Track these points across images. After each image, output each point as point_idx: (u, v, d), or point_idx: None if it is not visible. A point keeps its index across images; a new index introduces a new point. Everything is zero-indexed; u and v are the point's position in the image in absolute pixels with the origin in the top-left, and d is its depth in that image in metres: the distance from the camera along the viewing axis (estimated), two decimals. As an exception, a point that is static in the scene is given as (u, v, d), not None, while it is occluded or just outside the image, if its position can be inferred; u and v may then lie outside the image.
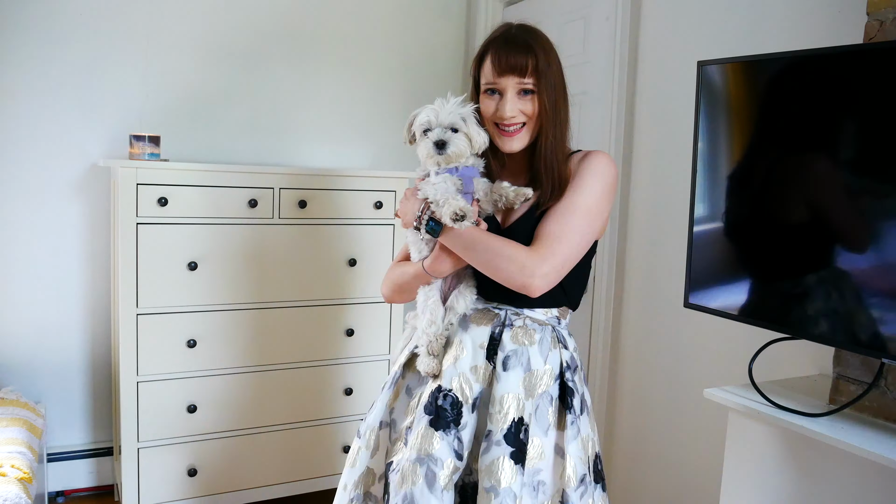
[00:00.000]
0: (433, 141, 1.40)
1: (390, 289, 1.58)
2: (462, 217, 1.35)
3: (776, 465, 1.55)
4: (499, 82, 1.42)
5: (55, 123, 2.58)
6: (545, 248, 1.36)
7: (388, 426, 1.53)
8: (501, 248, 1.37)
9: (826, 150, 1.46)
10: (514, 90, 1.42)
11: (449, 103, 1.41)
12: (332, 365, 2.66)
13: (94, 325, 2.70)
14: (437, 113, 1.41)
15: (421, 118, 1.42)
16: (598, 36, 2.57)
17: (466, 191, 1.42)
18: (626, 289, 2.47)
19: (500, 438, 1.36)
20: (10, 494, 1.79)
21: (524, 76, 1.40)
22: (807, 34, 1.86)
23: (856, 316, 1.40)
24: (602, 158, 1.46)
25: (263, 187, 2.46)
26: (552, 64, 1.43)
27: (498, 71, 1.41)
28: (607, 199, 1.45)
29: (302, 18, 2.92)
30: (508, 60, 1.40)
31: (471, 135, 1.41)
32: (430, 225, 1.41)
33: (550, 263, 1.35)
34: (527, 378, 1.41)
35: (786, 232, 1.53)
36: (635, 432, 2.45)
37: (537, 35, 1.45)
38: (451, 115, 1.40)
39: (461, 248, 1.40)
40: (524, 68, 1.40)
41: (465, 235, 1.38)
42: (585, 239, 1.41)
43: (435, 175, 1.42)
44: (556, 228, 1.38)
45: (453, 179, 1.41)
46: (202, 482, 2.48)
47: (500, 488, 1.34)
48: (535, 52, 1.40)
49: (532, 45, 1.41)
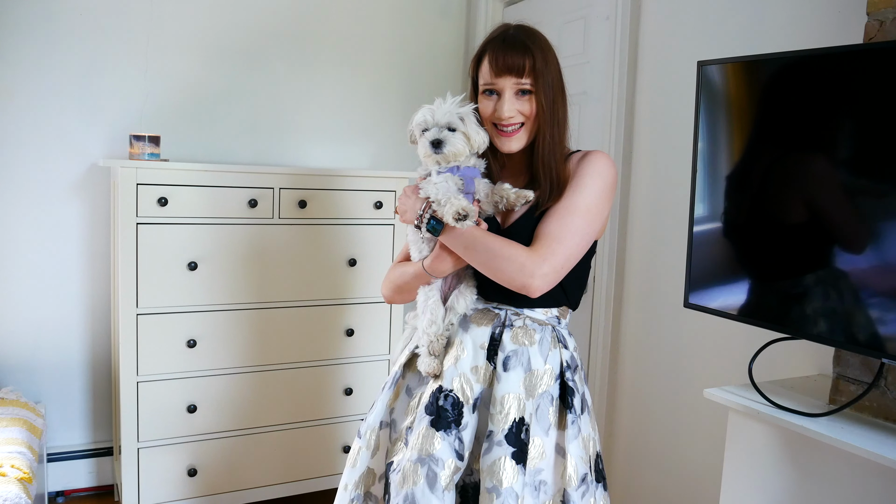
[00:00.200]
0: (429, 140, 1.40)
1: (390, 289, 1.58)
2: (465, 216, 1.35)
3: (776, 465, 1.55)
4: (496, 83, 1.42)
5: (55, 123, 2.58)
6: (545, 248, 1.36)
7: (388, 426, 1.53)
8: (501, 248, 1.37)
9: (825, 150, 1.46)
10: (512, 90, 1.42)
11: (447, 102, 1.41)
12: (332, 365, 2.66)
13: (94, 325, 2.70)
14: (434, 112, 1.41)
15: (418, 117, 1.43)
16: (598, 36, 2.57)
17: (467, 191, 1.42)
18: (626, 289, 2.47)
19: (502, 439, 1.37)
20: (10, 494, 1.79)
21: (521, 76, 1.41)
22: (807, 34, 1.86)
23: (855, 316, 1.40)
24: (601, 158, 1.46)
25: (263, 187, 2.46)
26: (550, 64, 1.43)
27: (495, 71, 1.42)
28: (607, 198, 1.45)
29: (302, 18, 2.93)
30: (506, 61, 1.40)
31: (469, 134, 1.41)
32: (432, 224, 1.41)
33: (550, 264, 1.35)
34: (527, 378, 1.41)
35: (785, 232, 1.53)
36: (635, 432, 2.45)
37: (535, 35, 1.45)
38: (448, 115, 1.40)
39: (461, 247, 1.40)
40: (521, 68, 1.40)
41: (465, 235, 1.38)
42: (585, 239, 1.41)
43: (437, 174, 1.42)
44: (556, 229, 1.38)
45: (455, 179, 1.41)
46: (202, 482, 2.48)
47: (501, 488, 1.34)
48: (532, 53, 1.40)
49: (529, 45, 1.41)
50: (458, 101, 1.42)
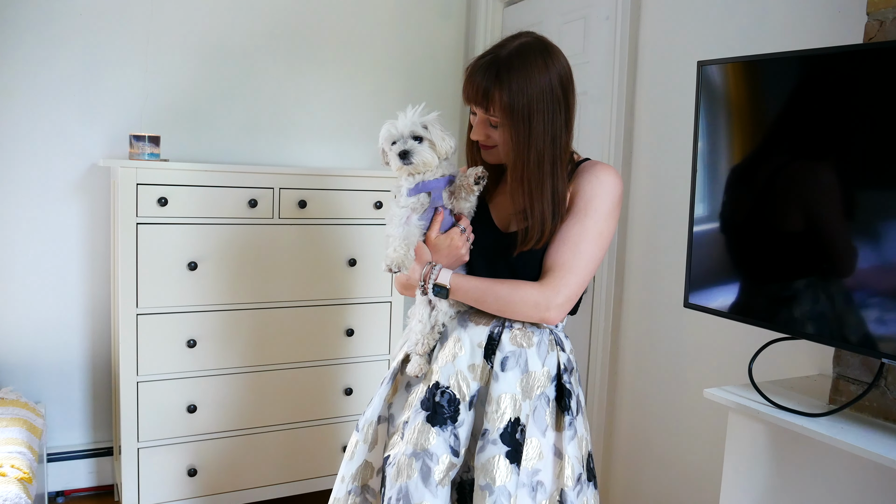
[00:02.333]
0: (397, 152, 1.42)
1: (399, 284, 1.60)
2: (397, 270, 1.39)
3: (776, 465, 1.55)
4: (470, 107, 1.44)
5: (55, 123, 2.58)
6: (557, 280, 1.38)
7: (386, 421, 1.55)
8: (511, 293, 1.39)
9: (825, 150, 1.46)
10: (482, 116, 1.43)
11: (409, 113, 1.43)
12: (332, 365, 2.66)
13: (94, 325, 2.70)
14: (396, 124, 1.43)
15: (382, 132, 1.45)
16: (598, 36, 2.57)
17: (436, 204, 1.45)
18: (626, 289, 2.47)
19: (497, 437, 1.37)
20: (10, 494, 1.79)
21: (486, 111, 1.40)
22: (807, 34, 1.86)
23: (855, 316, 1.40)
24: (609, 176, 1.44)
25: (263, 187, 2.46)
26: (530, 89, 1.35)
27: (465, 99, 1.43)
28: (615, 218, 1.45)
29: (302, 18, 2.92)
30: (468, 93, 1.41)
31: (434, 141, 1.42)
32: (437, 290, 1.44)
33: (564, 294, 1.38)
34: (524, 379, 1.42)
35: (786, 232, 1.53)
36: (635, 432, 2.45)
37: (512, 63, 1.35)
38: (412, 124, 1.42)
39: (472, 301, 1.44)
40: (485, 104, 1.38)
41: (472, 291, 1.42)
42: (595, 263, 1.43)
43: (406, 192, 1.45)
44: (568, 259, 1.39)
45: (422, 198, 1.44)
46: (202, 482, 2.48)
47: (494, 486, 1.34)
48: (501, 86, 1.35)
49: (501, 79, 1.35)
50: (419, 110, 1.43)
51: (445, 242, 1.45)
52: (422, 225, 1.46)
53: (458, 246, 1.45)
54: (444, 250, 1.45)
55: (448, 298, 1.45)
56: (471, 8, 3.23)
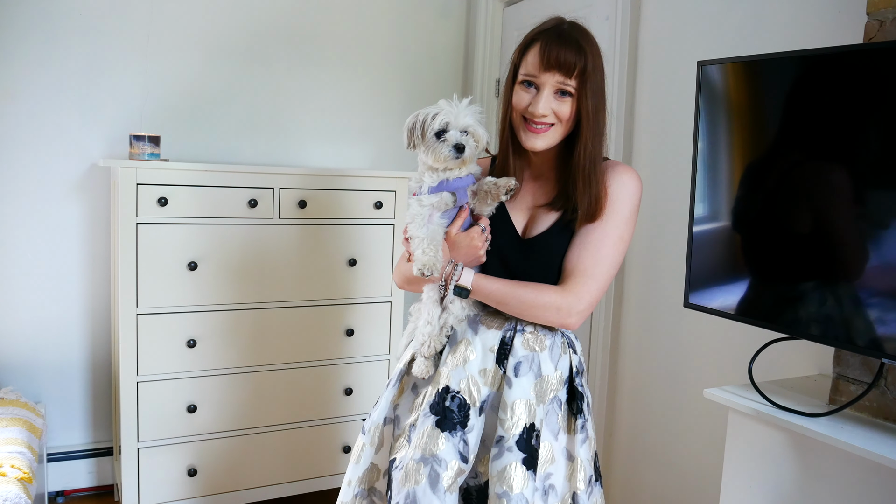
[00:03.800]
0: (453, 144, 1.36)
1: (401, 279, 1.57)
2: (429, 273, 1.34)
3: (776, 465, 1.55)
4: (539, 76, 1.36)
5: (55, 123, 2.58)
6: (580, 285, 1.37)
7: (392, 423, 1.53)
8: (534, 297, 1.37)
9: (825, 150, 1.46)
10: (552, 88, 1.36)
11: (462, 104, 1.38)
12: (332, 365, 2.66)
13: (94, 325, 2.70)
14: (456, 115, 1.37)
15: (440, 119, 1.37)
16: (598, 36, 2.52)
17: (461, 202, 1.42)
18: (626, 289, 2.47)
19: (513, 444, 1.36)
20: (10, 494, 1.79)
21: (569, 77, 1.35)
22: (807, 34, 1.86)
23: (855, 316, 1.40)
24: (632, 179, 1.43)
25: (263, 187, 2.46)
26: (598, 70, 1.37)
27: (543, 65, 1.35)
28: (634, 220, 1.44)
29: (302, 18, 2.92)
30: (557, 56, 1.34)
31: (478, 136, 1.39)
32: (457, 290, 1.40)
33: (586, 301, 1.37)
34: (538, 384, 1.40)
35: (786, 232, 1.53)
36: (635, 432, 2.45)
37: (589, 37, 1.38)
38: (468, 118, 1.38)
39: (494, 303, 1.41)
40: (571, 68, 1.34)
41: (494, 293, 1.39)
42: (615, 268, 1.42)
43: (429, 191, 1.40)
44: (590, 264, 1.37)
45: (446, 196, 1.40)
46: (202, 482, 2.48)
47: (512, 494, 1.33)
48: (585, 54, 1.35)
49: (583, 45, 1.35)
50: (467, 102, 1.39)
51: (465, 241, 1.41)
52: (444, 223, 1.42)
53: (477, 246, 1.41)
54: (463, 248, 1.42)
55: (469, 297, 1.42)
56: (471, 8, 3.23)
